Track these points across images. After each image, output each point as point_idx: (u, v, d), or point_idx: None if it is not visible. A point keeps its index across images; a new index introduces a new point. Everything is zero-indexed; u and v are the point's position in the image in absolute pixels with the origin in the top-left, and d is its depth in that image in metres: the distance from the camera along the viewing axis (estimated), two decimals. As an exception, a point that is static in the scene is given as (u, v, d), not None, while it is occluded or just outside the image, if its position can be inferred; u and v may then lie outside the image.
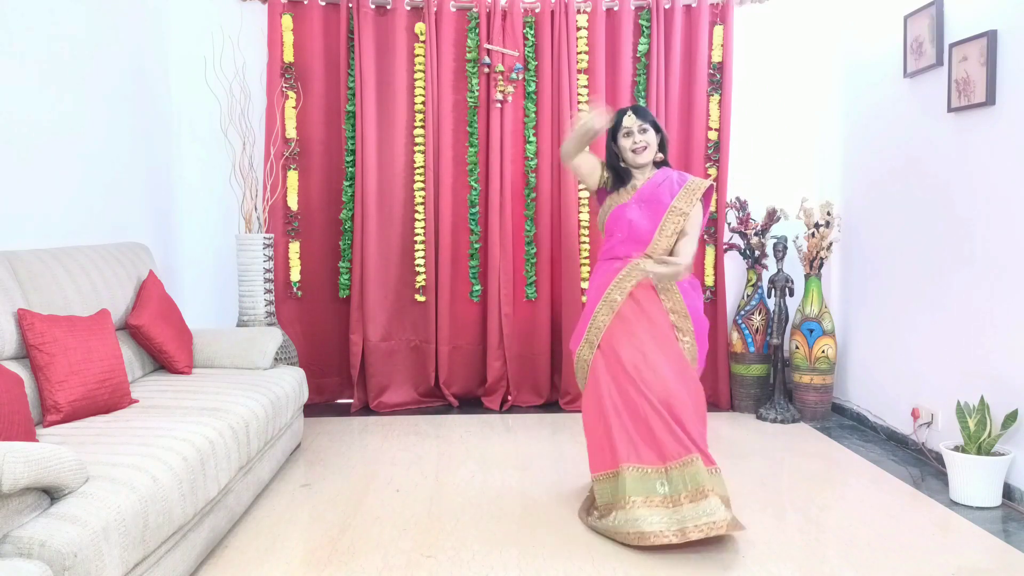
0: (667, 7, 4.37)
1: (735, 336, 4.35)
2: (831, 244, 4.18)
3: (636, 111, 2.98)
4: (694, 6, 4.39)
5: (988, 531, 2.73)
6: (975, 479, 2.94)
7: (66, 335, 2.58)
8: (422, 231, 4.43)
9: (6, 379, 2.16)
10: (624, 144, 2.98)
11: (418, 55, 4.38)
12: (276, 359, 3.77)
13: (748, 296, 4.35)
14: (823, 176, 4.51)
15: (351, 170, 4.41)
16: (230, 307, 4.42)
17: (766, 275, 4.38)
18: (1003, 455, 2.94)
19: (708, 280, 4.49)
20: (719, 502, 2.53)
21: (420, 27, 4.37)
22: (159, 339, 3.23)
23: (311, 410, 4.32)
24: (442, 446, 3.76)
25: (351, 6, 4.31)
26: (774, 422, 4.16)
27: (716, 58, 4.40)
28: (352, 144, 4.40)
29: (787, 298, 4.30)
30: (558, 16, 4.35)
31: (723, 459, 3.52)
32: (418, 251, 4.45)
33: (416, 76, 4.40)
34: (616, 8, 4.40)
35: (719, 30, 4.40)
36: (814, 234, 4.15)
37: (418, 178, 4.43)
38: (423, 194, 4.42)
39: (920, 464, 3.47)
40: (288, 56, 4.35)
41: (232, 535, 2.68)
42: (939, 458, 3.32)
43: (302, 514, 2.90)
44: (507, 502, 3.00)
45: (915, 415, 3.58)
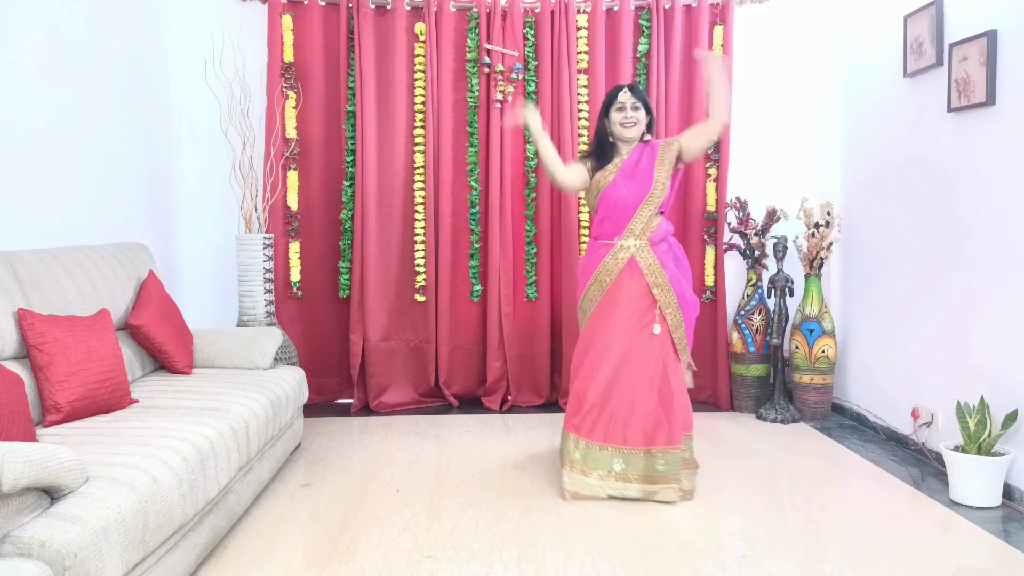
0: (667, 7, 4.38)
1: (735, 336, 4.35)
2: (831, 244, 4.18)
3: (632, 89, 3.20)
4: (694, 6, 4.39)
5: (988, 531, 2.73)
6: (975, 479, 2.94)
7: (66, 335, 2.58)
8: (422, 231, 4.43)
9: (6, 379, 2.16)
10: (615, 117, 3.17)
11: (418, 55, 4.38)
12: (276, 359, 3.77)
13: (748, 296, 4.35)
14: (823, 176, 4.51)
15: (351, 170, 4.41)
16: (230, 307, 4.42)
17: (766, 275, 4.38)
18: (1003, 455, 2.94)
19: (708, 280, 4.49)
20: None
21: (420, 27, 4.37)
22: (159, 339, 3.23)
23: (311, 410, 4.32)
24: (442, 446, 3.76)
25: (351, 6, 4.31)
26: (774, 422, 4.16)
27: (716, 58, 4.40)
28: (352, 144, 4.40)
29: (787, 298, 4.30)
30: (558, 16, 4.35)
31: (723, 459, 3.54)
32: (418, 251, 4.45)
33: (416, 76, 4.40)
34: (616, 8, 4.40)
35: (719, 30, 4.40)
36: (814, 234, 4.15)
37: (418, 178, 4.43)
38: (423, 194, 4.42)
39: (920, 464, 3.47)
40: (288, 56, 4.35)
41: (232, 535, 2.68)
42: (939, 458, 3.32)
43: (302, 514, 2.90)
44: (507, 502, 3.00)
45: (915, 415, 3.58)
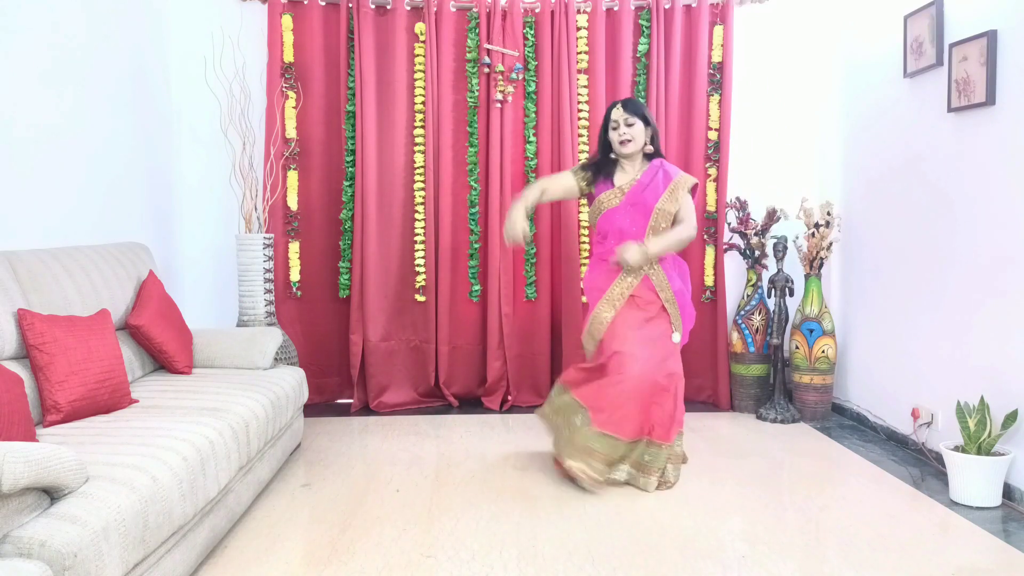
0: (667, 7, 4.38)
1: (735, 336, 4.35)
2: (831, 244, 4.18)
3: (625, 104, 3.22)
4: (694, 6, 4.39)
5: (988, 531, 2.73)
6: (975, 479, 2.94)
7: (66, 335, 2.58)
8: (422, 231, 4.43)
9: (6, 379, 2.16)
10: (612, 137, 3.24)
11: (418, 55, 4.38)
12: (276, 359, 3.77)
13: (748, 296, 4.35)
14: (823, 176, 4.51)
15: (351, 170, 4.41)
16: (230, 307, 4.42)
17: (766, 275, 4.38)
18: (1003, 455, 2.94)
19: (708, 280, 4.49)
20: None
21: (420, 27, 4.37)
22: (159, 339, 3.23)
23: (311, 410, 4.32)
24: (442, 446, 3.76)
25: (351, 6, 4.31)
26: (774, 422, 4.16)
27: (716, 58, 4.40)
28: (352, 144, 4.40)
29: (787, 298, 4.30)
30: (558, 16, 4.35)
31: (723, 459, 3.54)
32: (418, 251, 4.45)
33: (416, 76, 4.40)
34: (616, 8, 4.40)
35: (719, 30, 4.40)
36: (814, 234, 4.15)
37: (418, 178, 4.43)
38: (423, 194, 4.42)
39: (920, 464, 3.47)
40: (288, 56, 4.35)
41: (232, 535, 2.68)
42: (939, 458, 3.32)
43: (302, 514, 2.90)
44: (507, 502, 3.00)
45: (915, 415, 3.58)
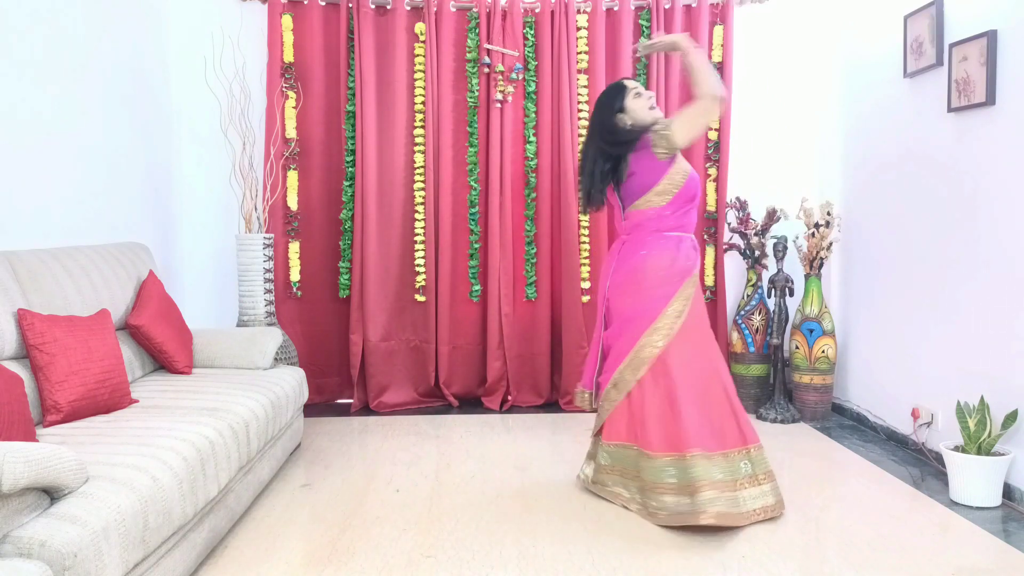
0: (667, 7, 4.38)
1: (735, 336, 4.35)
2: (831, 244, 4.18)
3: (628, 79, 3.14)
4: (694, 6, 4.39)
5: (988, 531, 2.73)
6: (975, 479, 2.94)
7: (66, 335, 2.58)
8: (422, 231, 4.43)
9: (6, 379, 2.16)
10: (638, 104, 3.00)
11: (418, 55, 4.38)
12: (276, 359, 3.77)
13: (748, 296, 4.35)
14: (823, 176, 4.51)
15: (351, 170, 4.41)
16: (230, 307, 4.42)
17: (766, 275, 4.38)
18: (1003, 455, 2.94)
19: (708, 280, 4.49)
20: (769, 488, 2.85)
21: (420, 27, 4.37)
22: (159, 339, 3.23)
23: (311, 410, 4.32)
24: (442, 446, 3.76)
25: (351, 6, 4.31)
26: (774, 422, 4.15)
27: (716, 58, 4.40)
28: (352, 144, 4.40)
29: (787, 298, 4.30)
30: (558, 16, 4.35)
31: (723, 459, 3.54)
32: (418, 251, 4.45)
33: (416, 76, 4.40)
34: (616, 8, 4.41)
35: (719, 30, 4.40)
36: (814, 234, 4.15)
37: (418, 178, 4.43)
38: (423, 194, 4.42)
39: (920, 464, 3.47)
40: (288, 56, 4.35)
41: (232, 535, 2.68)
42: (939, 458, 3.31)
43: (302, 514, 2.90)
44: (507, 502, 3.00)
45: (915, 415, 3.58)
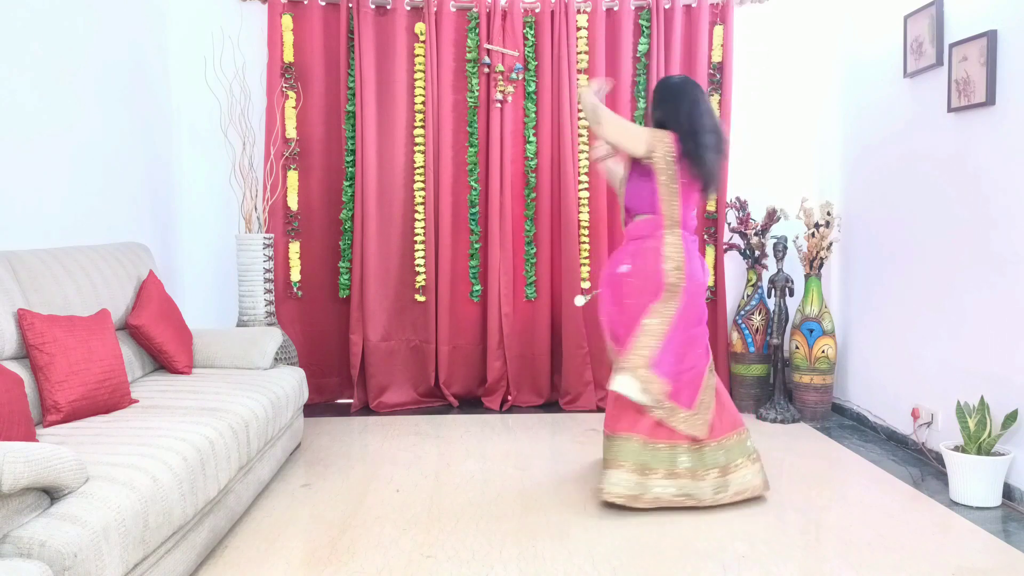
0: (667, 7, 4.38)
1: (735, 336, 4.35)
2: (831, 244, 4.18)
3: None
4: (694, 6, 4.39)
5: (988, 531, 2.73)
6: (975, 479, 2.94)
7: (66, 335, 2.58)
8: (422, 231, 4.43)
9: (6, 379, 2.16)
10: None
11: (418, 55, 4.38)
12: (276, 359, 3.77)
13: (748, 296, 4.35)
14: (823, 176, 4.51)
15: (351, 170, 4.41)
16: (230, 307, 4.42)
17: (766, 275, 4.38)
18: (1003, 455, 2.94)
19: (708, 280, 4.47)
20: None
21: (420, 27, 4.37)
22: (159, 339, 3.23)
23: (311, 410, 4.32)
24: (442, 446, 3.76)
25: (351, 6, 4.31)
26: (774, 422, 4.15)
27: (716, 58, 4.41)
28: (352, 144, 4.40)
29: (787, 298, 4.30)
30: (558, 16, 4.35)
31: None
32: (418, 251, 4.45)
33: (416, 76, 4.40)
34: (616, 8, 4.40)
35: (719, 30, 4.40)
36: (814, 234, 4.15)
37: (418, 178, 4.43)
38: (423, 194, 4.42)
39: (920, 464, 3.47)
40: (288, 56, 4.35)
41: (232, 535, 2.68)
42: (939, 458, 3.31)
43: (302, 514, 2.90)
44: (507, 502, 3.00)
45: (915, 415, 3.58)
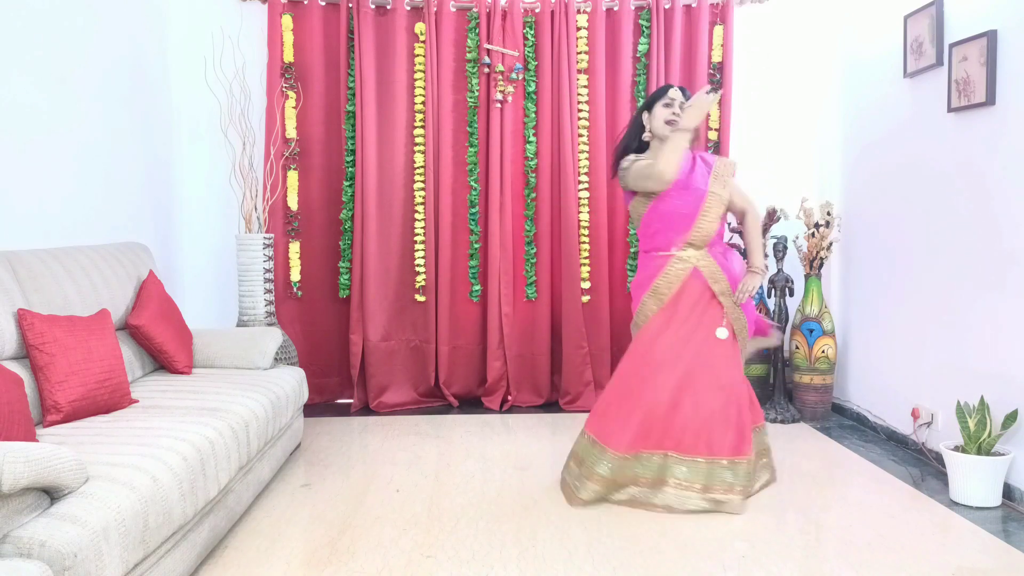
0: (667, 7, 4.38)
1: (735, 336, 4.34)
2: (831, 244, 4.18)
3: (682, 90, 3.12)
4: (694, 6, 4.39)
5: (988, 531, 2.73)
6: (975, 479, 2.94)
7: (66, 335, 2.58)
8: (422, 231, 4.43)
9: (6, 379, 2.16)
10: (660, 113, 3.06)
11: (418, 55, 4.38)
12: (276, 359, 3.77)
13: (748, 296, 4.35)
14: (823, 176, 4.51)
15: (351, 170, 4.41)
16: (230, 307, 4.42)
17: (766, 275, 4.37)
18: (1003, 455, 2.94)
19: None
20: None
21: (420, 27, 4.37)
22: (159, 339, 3.23)
23: (311, 410, 4.32)
24: (442, 446, 3.76)
25: (351, 6, 4.31)
26: (774, 422, 4.15)
27: (716, 58, 4.41)
28: (352, 144, 4.40)
29: (787, 298, 4.30)
30: (558, 16, 4.35)
31: (723, 459, 3.54)
32: (418, 251, 4.45)
33: (416, 76, 4.40)
34: (616, 8, 4.40)
35: (719, 30, 4.40)
36: (814, 234, 4.15)
37: (418, 178, 4.43)
38: (423, 194, 4.42)
39: (920, 464, 3.47)
40: (288, 56, 4.35)
41: (232, 535, 2.68)
42: (939, 458, 3.31)
43: (302, 514, 2.90)
44: (507, 502, 3.00)
45: (915, 415, 3.58)
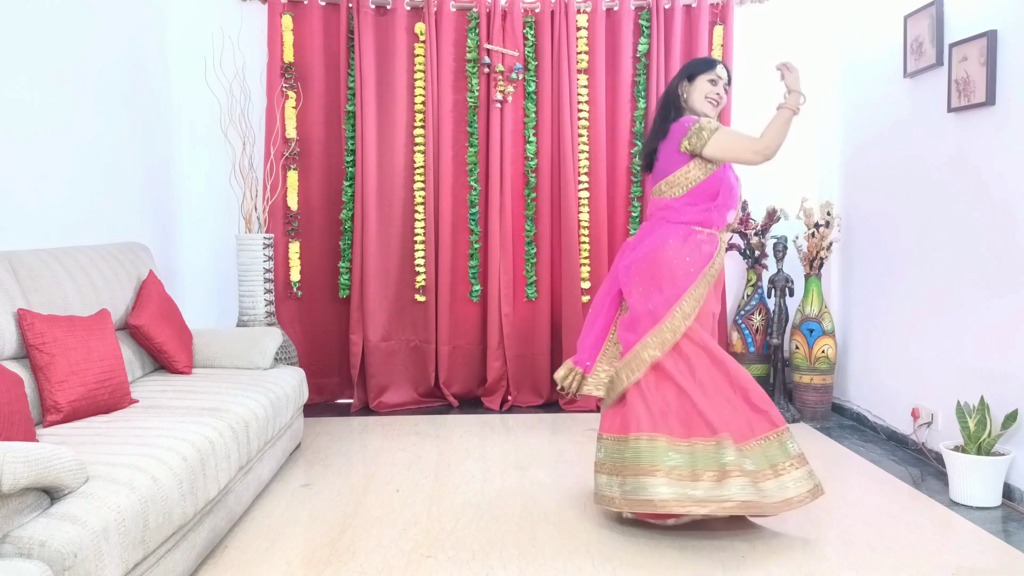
0: (667, 7, 4.38)
1: (735, 336, 4.35)
2: (831, 244, 4.18)
3: (728, 71, 2.89)
4: (694, 6, 4.39)
5: (988, 531, 2.73)
6: (975, 479, 2.94)
7: (66, 335, 2.58)
8: (422, 231, 4.43)
9: (6, 379, 2.16)
10: (704, 88, 2.82)
11: (418, 55, 4.38)
12: (276, 359, 3.77)
13: (748, 296, 4.35)
14: (823, 176, 4.51)
15: (351, 170, 4.41)
16: (230, 307, 4.42)
17: (766, 275, 4.38)
18: (1003, 455, 2.94)
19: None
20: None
21: (420, 27, 4.37)
22: (159, 339, 3.23)
23: (311, 410, 4.32)
24: (442, 446, 3.76)
25: (351, 6, 4.31)
26: (774, 422, 4.15)
27: (716, 58, 4.40)
28: (352, 144, 4.40)
29: (787, 298, 4.30)
30: (558, 16, 4.35)
31: (723, 459, 3.53)
32: (418, 251, 4.45)
33: (416, 76, 4.40)
34: (616, 8, 4.40)
35: (719, 30, 4.40)
36: (814, 234, 4.15)
37: (418, 178, 4.43)
38: (423, 194, 4.42)
39: (920, 464, 3.47)
40: (288, 56, 4.35)
41: (232, 535, 2.68)
42: (939, 458, 3.31)
43: (302, 514, 2.90)
44: (507, 502, 3.00)
45: (915, 415, 3.58)
